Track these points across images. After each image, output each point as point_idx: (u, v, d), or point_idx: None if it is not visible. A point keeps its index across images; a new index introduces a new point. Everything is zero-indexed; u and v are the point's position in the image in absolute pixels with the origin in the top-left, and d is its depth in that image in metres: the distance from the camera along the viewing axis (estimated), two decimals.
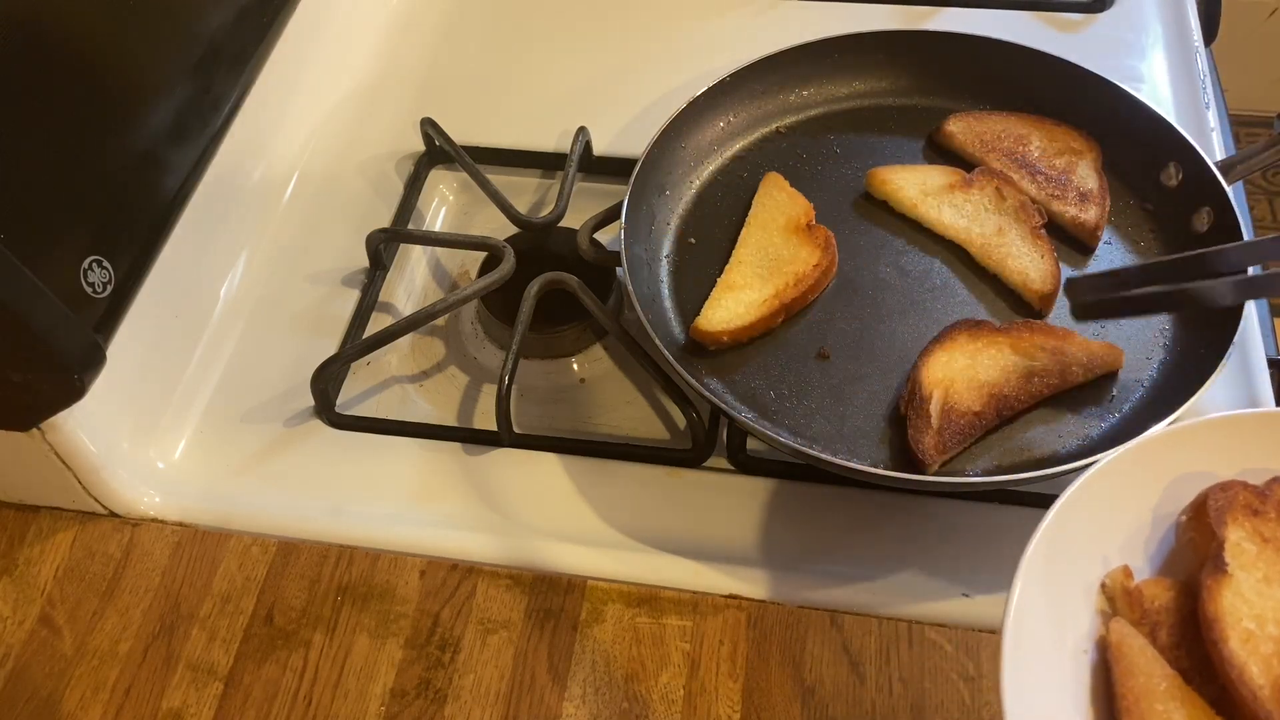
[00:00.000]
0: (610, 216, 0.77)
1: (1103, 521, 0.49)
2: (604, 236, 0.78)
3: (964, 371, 0.66)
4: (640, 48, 0.97)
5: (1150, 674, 0.45)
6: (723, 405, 0.66)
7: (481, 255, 0.81)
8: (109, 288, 0.67)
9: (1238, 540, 0.47)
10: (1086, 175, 0.76)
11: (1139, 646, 0.46)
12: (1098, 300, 0.65)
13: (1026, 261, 0.72)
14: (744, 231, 0.76)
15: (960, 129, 0.80)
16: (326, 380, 0.74)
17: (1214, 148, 0.84)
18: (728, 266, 0.74)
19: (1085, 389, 0.68)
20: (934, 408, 0.64)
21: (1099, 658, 0.47)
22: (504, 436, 0.72)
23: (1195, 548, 0.50)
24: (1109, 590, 0.48)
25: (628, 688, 0.62)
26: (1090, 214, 0.74)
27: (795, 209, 0.76)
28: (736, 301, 0.71)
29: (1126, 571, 0.48)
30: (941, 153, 0.81)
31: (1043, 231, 0.74)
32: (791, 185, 0.78)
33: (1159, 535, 0.50)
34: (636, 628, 0.64)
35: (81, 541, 0.70)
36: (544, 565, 0.67)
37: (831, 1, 0.98)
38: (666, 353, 0.66)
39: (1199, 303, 0.62)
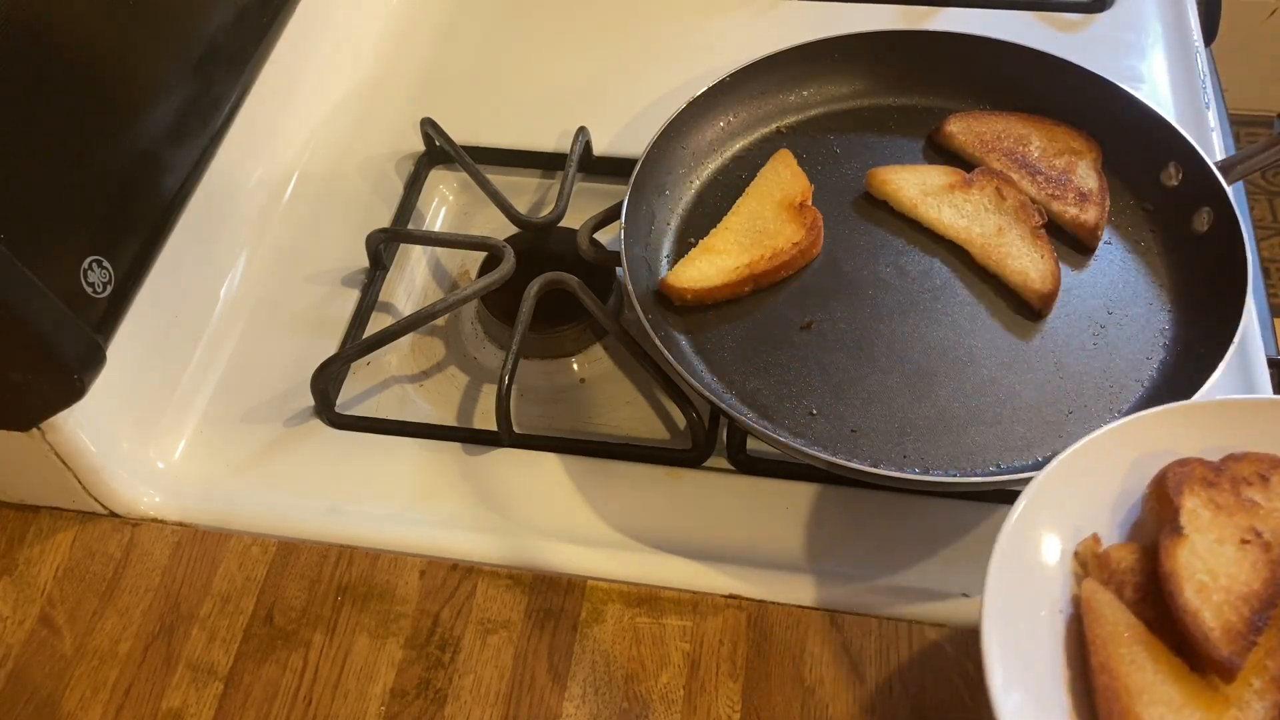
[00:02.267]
0: (610, 216, 0.77)
1: (1076, 496, 0.55)
2: (604, 236, 0.78)
3: None
4: (640, 48, 0.97)
5: (1117, 623, 0.51)
6: (723, 405, 0.66)
7: (481, 255, 0.81)
8: (109, 288, 0.67)
9: (1193, 508, 0.54)
10: (1086, 175, 0.76)
11: (1107, 600, 0.52)
12: None
13: (1026, 261, 0.72)
14: (739, 200, 0.77)
15: (960, 129, 0.80)
16: (326, 380, 0.74)
17: (1214, 148, 0.84)
18: (714, 230, 0.76)
19: (1085, 388, 0.68)
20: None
21: (1073, 613, 0.52)
22: (504, 436, 0.72)
23: (1157, 516, 0.55)
24: (1081, 556, 0.54)
25: (628, 688, 0.62)
26: (1090, 214, 0.74)
27: (794, 187, 0.77)
28: (709, 264, 0.73)
29: (1096, 539, 0.54)
30: (941, 153, 0.81)
31: (1043, 231, 0.74)
32: None
33: (1125, 507, 0.56)
34: (636, 628, 0.64)
35: (81, 541, 0.70)
36: (544, 565, 0.67)
37: (831, 1, 0.98)
38: (666, 353, 0.66)
39: None
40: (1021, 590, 0.52)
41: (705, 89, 0.79)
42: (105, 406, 0.68)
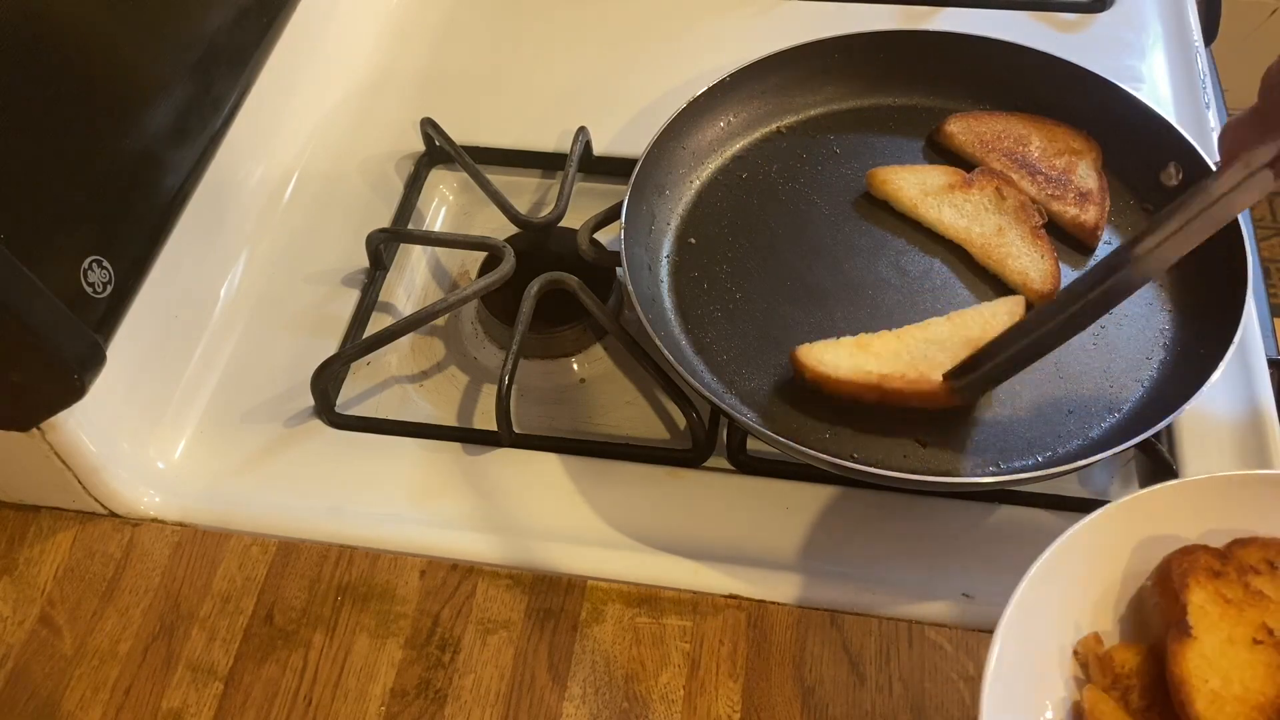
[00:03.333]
0: (610, 216, 0.77)
1: (1073, 588, 0.52)
2: (604, 236, 0.78)
3: None
4: (640, 48, 0.97)
5: None
6: (723, 405, 0.66)
7: (481, 255, 0.81)
8: (109, 288, 0.67)
9: (1200, 603, 0.50)
10: (1086, 175, 0.76)
11: (1110, 712, 0.48)
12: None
13: (1027, 261, 0.72)
14: (933, 319, 0.70)
15: (960, 129, 0.80)
16: (326, 380, 0.74)
17: (1214, 148, 0.84)
18: (890, 331, 0.69)
19: (1085, 388, 0.68)
20: None
21: None
22: (504, 436, 0.72)
23: (1161, 611, 0.52)
24: (1081, 656, 0.51)
25: (628, 688, 0.62)
26: (1090, 214, 0.74)
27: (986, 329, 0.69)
28: (850, 355, 0.68)
29: (1097, 638, 0.51)
30: (941, 153, 0.81)
31: (1043, 231, 0.74)
32: (791, 185, 0.79)
33: (1127, 597, 0.53)
34: (636, 628, 0.64)
35: (81, 541, 0.70)
36: (544, 565, 0.67)
37: (831, 1, 0.98)
38: (667, 353, 0.66)
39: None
40: (1020, 694, 0.49)
41: (705, 89, 0.79)
42: (105, 406, 0.68)
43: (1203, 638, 0.49)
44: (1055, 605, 0.51)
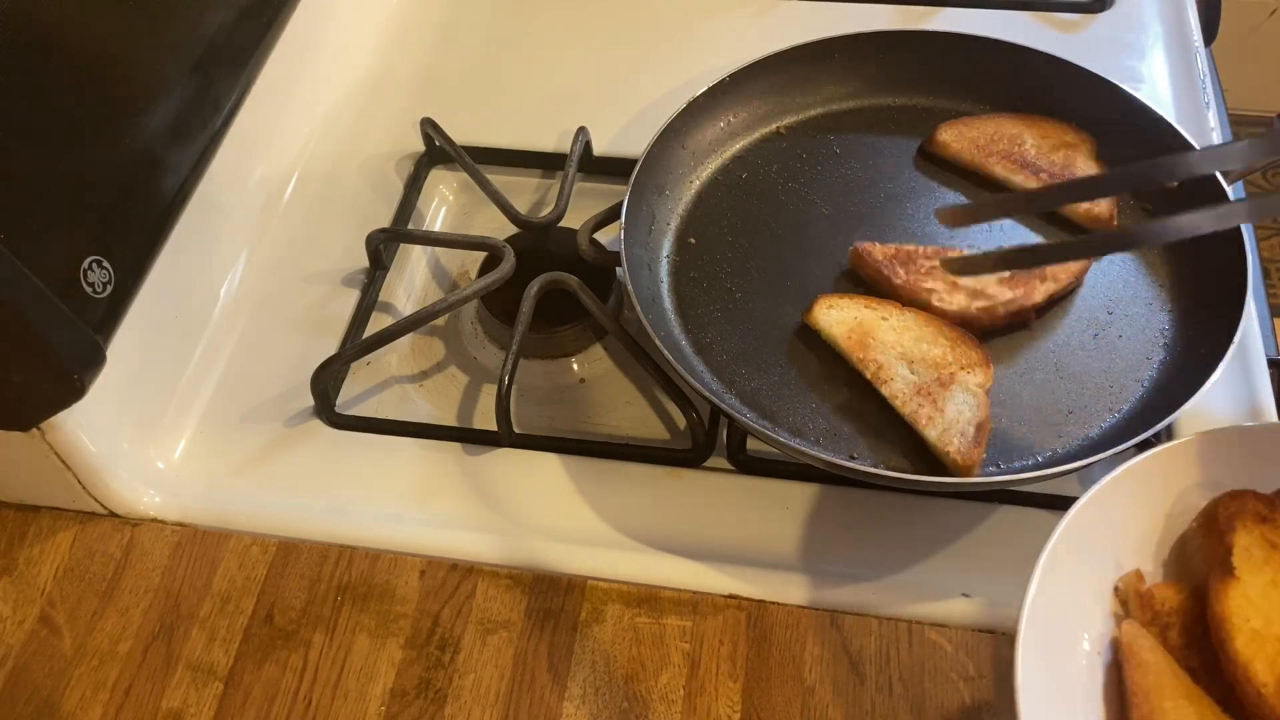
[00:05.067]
0: (610, 216, 0.77)
1: (1117, 526, 0.51)
2: (604, 236, 0.78)
3: None
4: (640, 48, 0.97)
5: (1160, 672, 0.47)
6: (723, 405, 0.66)
7: (481, 255, 0.81)
8: (109, 288, 0.67)
9: (1246, 545, 0.49)
10: (1086, 167, 0.76)
11: (1150, 646, 0.48)
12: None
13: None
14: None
15: (953, 137, 0.79)
16: (326, 380, 0.74)
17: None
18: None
19: (1085, 388, 0.68)
20: None
21: (1112, 658, 0.48)
22: (504, 436, 0.72)
23: (1205, 553, 0.51)
24: (1122, 593, 0.50)
25: (628, 688, 0.62)
26: (1102, 206, 0.74)
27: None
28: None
29: (1139, 575, 0.51)
30: (936, 163, 0.80)
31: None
32: (791, 185, 0.79)
33: (1170, 540, 0.52)
34: (636, 628, 0.64)
35: (81, 541, 0.70)
36: (544, 565, 0.67)
37: (831, 1, 0.98)
38: (667, 353, 0.66)
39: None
40: (1057, 627, 0.48)
41: (705, 89, 0.79)
42: (105, 406, 0.68)
43: (1246, 579, 0.49)
44: (1099, 541, 0.51)
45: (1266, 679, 0.46)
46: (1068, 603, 0.49)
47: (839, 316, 0.70)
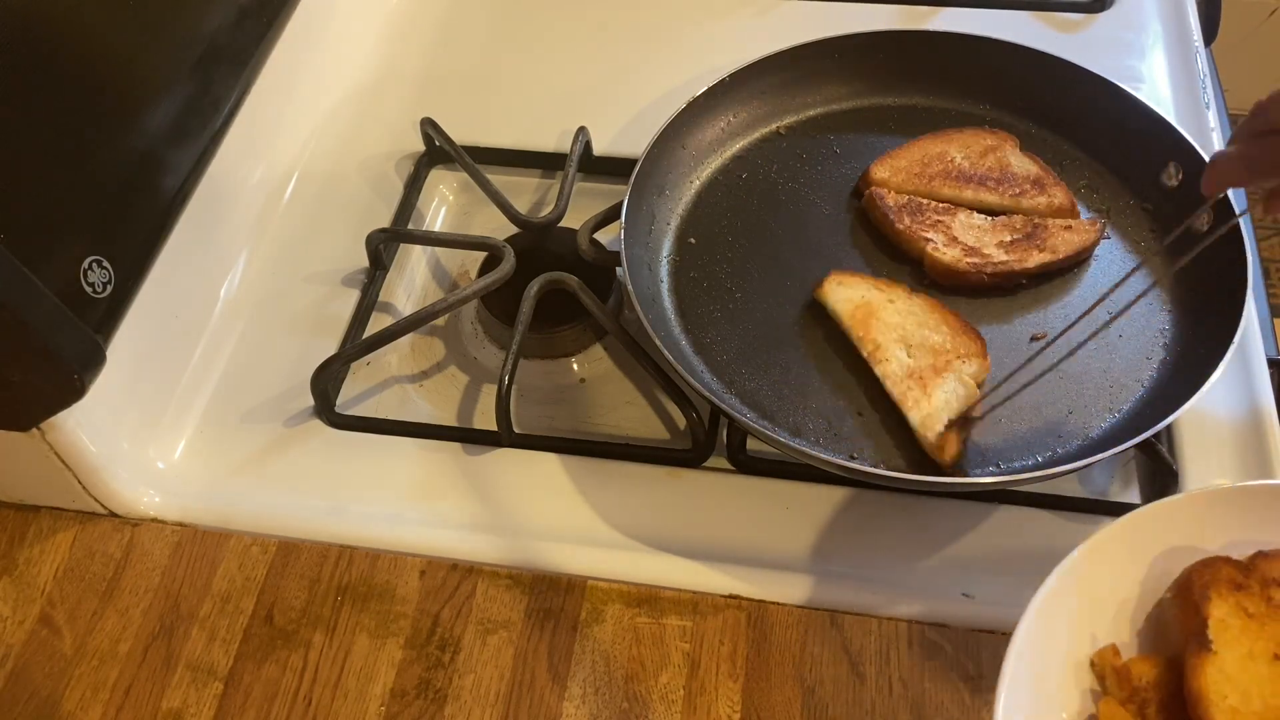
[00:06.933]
0: (610, 216, 0.77)
1: (1091, 598, 0.51)
2: (604, 236, 0.78)
3: None
4: (640, 48, 0.97)
5: None
6: (723, 405, 0.66)
7: (481, 255, 0.81)
8: (109, 288, 0.67)
9: (1221, 616, 0.49)
10: (1021, 162, 0.77)
11: None
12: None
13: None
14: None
15: (888, 172, 0.77)
16: (326, 380, 0.74)
17: (1214, 148, 0.84)
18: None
19: (1085, 388, 0.68)
20: None
21: None
22: (504, 436, 0.72)
23: (1181, 623, 0.51)
24: (1098, 669, 0.50)
25: (628, 688, 0.62)
26: (1058, 194, 0.75)
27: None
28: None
29: (1114, 650, 0.50)
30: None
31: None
32: (791, 185, 0.79)
33: (1146, 608, 0.52)
34: (636, 628, 0.64)
35: (81, 541, 0.70)
36: (544, 565, 0.67)
37: (831, 1, 0.98)
38: (667, 353, 0.66)
39: None
40: (1034, 708, 0.48)
41: (705, 89, 0.79)
42: (105, 406, 0.68)
43: (1223, 652, 0.48)
44: (1072, 615, 0.50)
45: None
46: (1044, 683, 0.49)
47: (847, 294, 0.71)
